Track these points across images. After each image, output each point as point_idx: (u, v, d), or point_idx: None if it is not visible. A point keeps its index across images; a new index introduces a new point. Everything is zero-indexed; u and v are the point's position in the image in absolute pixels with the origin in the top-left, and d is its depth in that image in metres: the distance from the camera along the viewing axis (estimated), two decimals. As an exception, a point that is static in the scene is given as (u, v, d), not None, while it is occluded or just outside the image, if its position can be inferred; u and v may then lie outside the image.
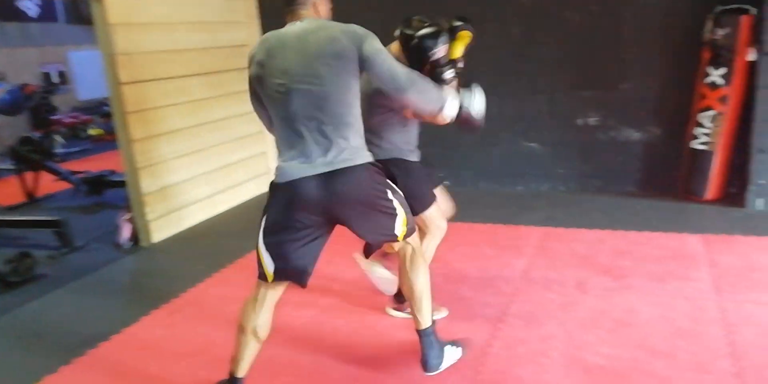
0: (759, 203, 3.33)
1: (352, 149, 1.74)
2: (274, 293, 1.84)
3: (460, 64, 2.10)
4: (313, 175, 1.70)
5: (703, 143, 3.51)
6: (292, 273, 1.80)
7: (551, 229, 3.34)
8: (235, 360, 1.85)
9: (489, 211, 3.75)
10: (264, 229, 1.79)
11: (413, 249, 1.96)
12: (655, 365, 2.00)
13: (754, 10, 3.27)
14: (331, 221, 1.80)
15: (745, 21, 3.28)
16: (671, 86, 3.70)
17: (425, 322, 1.97)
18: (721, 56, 3.37)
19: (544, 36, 3.90)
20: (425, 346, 1.97)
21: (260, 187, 4.63)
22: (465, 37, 2.11)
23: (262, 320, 1.82)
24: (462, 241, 3.22)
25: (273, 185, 1.80)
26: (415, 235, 1.98)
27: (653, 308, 2.38)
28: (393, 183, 1.90)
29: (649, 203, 3.62)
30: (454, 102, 1.91)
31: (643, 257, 2.87)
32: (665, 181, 3.78)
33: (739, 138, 3.45)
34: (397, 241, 1.90)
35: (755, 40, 3.26)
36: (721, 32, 3.35)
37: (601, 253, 2.96)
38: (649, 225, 3.24)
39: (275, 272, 1.78)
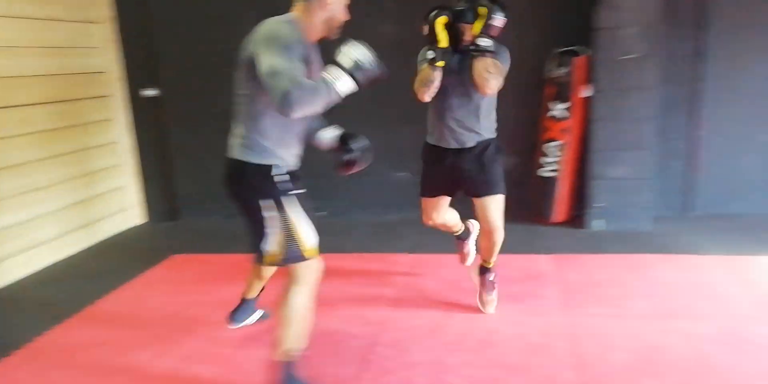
0: (598, 224, 3.71)
1: (246, 142, 1.92)
2: None
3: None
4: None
5: (549, 171, 3.86)
6: None
7: (420, 256, 3.45)
8: None
9: (362, 241, 3.80)
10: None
11: (296, 280, 1.95)
12: (511, 382, 2.11)
13: (588, 52, 3.70)
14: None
15: (580, 61, 3.70)
16: (522, 119, 4.04)
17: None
18: (562, 92, 3.76)
19: (407, 68, 4.10)
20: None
21: (119, 225, 4.31)
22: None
23: None
24: (334, 272, 3.20)
25: None
26: (307, 273, 1.97)
27: (511, 327, 2.52)
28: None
29: (506, 227, 3.87)
30: (341, 81, 1.77)
31: (502, 279, 3.03)
32: (519, 205, 4.07)
33: (580, 166, 3.84)
34: (267, 259, 1.93)
35: (589, 79, 3.68)
36: (561, 71, 3.75)
37: (466, 277, 3.09)
38: (506, 247, 3.45)
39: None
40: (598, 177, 3.68)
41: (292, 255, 1.92)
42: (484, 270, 2.79)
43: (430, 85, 2.52)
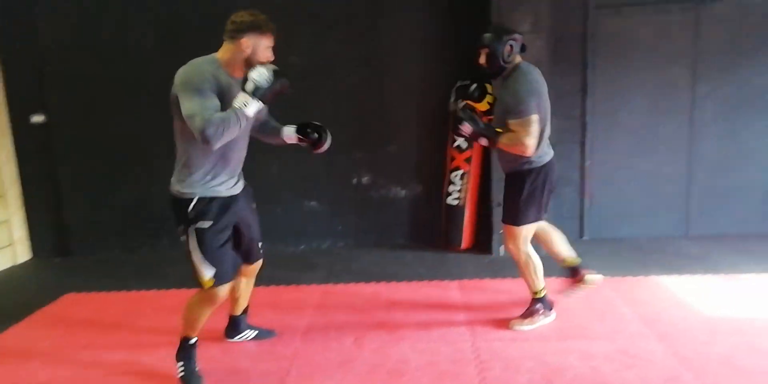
0: (501, 250, 3.88)
1: (175, 176, 2.22)
2: None
3: None
4: None
5: (455, 199, 4.01)
6: None
7: (331, 286, 3.43)
8: None
9: (272, 273, 3.69)
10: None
11: (198, 294, 2.29)
12: (422, 413, 2.12)
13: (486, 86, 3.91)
14: None
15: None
16: (430, 149, 4.19)
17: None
18: (464, 124, 3.95)
19: (319, 99, 4.14)
20: None
21: (2, 262, 3.92)
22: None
23: None
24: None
25: None
26: (205, 297, 2.27)
27: (421, 356, 2.54)
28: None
29: (417, 255, 3.97)
30: (247, 104, 2.01)
31: (413, 307, 3.09)
32: (429, 233, 4.20)
33: (483, 193, 4.02)
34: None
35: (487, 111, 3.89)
36: (462, 103, 3.93)
37: (377, 307, 3.11)
38: (417, 275, 3.54)
39: None
40: (498, 204, 3.86)
41: (195, 278, 2.25)
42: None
43: None
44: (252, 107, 2.01)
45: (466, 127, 2.64)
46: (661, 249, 3.84)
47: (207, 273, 2.20)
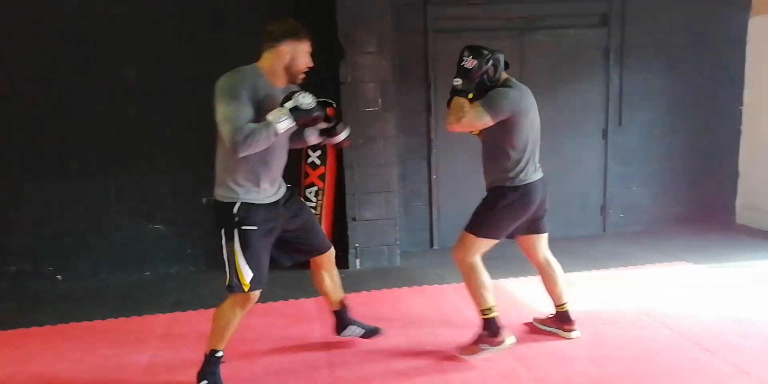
0: (357, 263, 3.94)
1: (218, 181, 2.28)
2: None
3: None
4: None
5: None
6: None
7: (179, 314, 3.21)
8: None
9: (111, 305, 3.39)
10: None
11: (232, 299, 2.33)
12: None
13: (333, 103, 3.98)
14: None
15: (329, 112, 3.94)
16: (288, 165, 4.12)
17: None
18: (317, 141, 3.97)
19: (159, 116, 3.90)
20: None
21: None
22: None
23: None
24: (74, 346, 2.81)
25: None
26: (234, 297, 2.31)
27: (275, 378, 2.48)
28: None
29: (272, 274, 3.75)
30: (281, 120, 2.07)
31: (267, 328, 3.00)
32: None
33: (338, 209, 4.06)
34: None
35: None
36: (314, 121, 3.95)
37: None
38: (272, 295, 3.44)
39: None
40: (353, 219, 3.93)
41: (232, 283, 2.28)
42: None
43: None
44: (284, 124, 2.07)
45: (471, 63, 2.43)
46: (500, 255, 4.10)
47: (248, 275, 2.26)
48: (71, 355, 2.74)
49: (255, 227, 2.22)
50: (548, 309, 2.92)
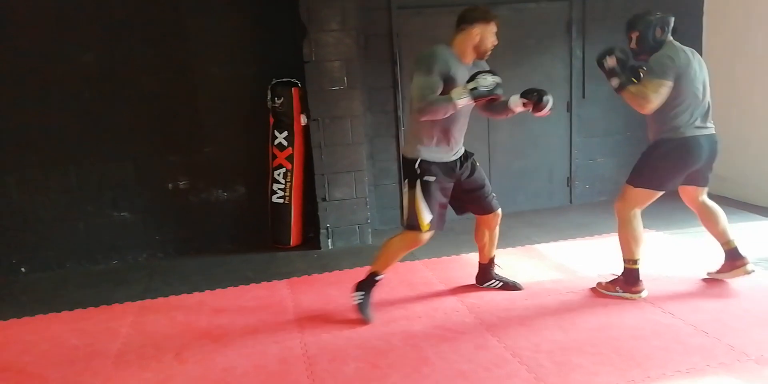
0: (329, 243, 3.94)
1: (406, 142, 2.79)
2: None
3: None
4: None
5: (280, 197, 3.97)
6: None
7: (149, 302, 3.18)
8: None
9: (78, 295, 3.33)
10: None
11: (403, 234, 2.74)
12: (248, 418, 2.06)
13: (300, 83, 3.93)
14: None
15: (295, 92, 3.90)
16: (250, 148, 4.08)
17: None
18: (282, 121, 3.91)
19: (120, 101, 3.79)
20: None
21: None
22: None
23: None
24: (41, 338, 2.76)
25: None
26: (412, 237, 2.72)
27: (248, 360, 2.48)
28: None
29: (244, 258, 3.86)
30: (462, 96, 2.40)
31: (239, 311, 2.99)
32: (256, 234, 4.10)
33: (307, 190, 4.04)
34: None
35: (304, 108, 3.91)
36: (278, 101, 3.90)
37: (201, 317, 2.95)
38: (244, 279, 3.43)
39: None
40: (322, 199, 3.92)
41: (411, 223, 2.69)
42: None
43: None
44: (463, 100, 2.41)
45: (611, 61, 2.73)
46: (470, 229, 4.16)
47: (426, 218, 2.66)
48: (38, 347, 2.70)
49: (433, 178, 2.64)
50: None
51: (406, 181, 2.70)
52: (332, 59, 3.81)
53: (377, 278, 2.79)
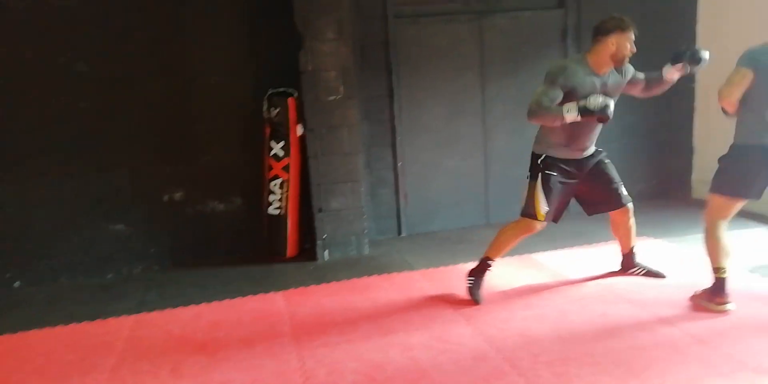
0: (325, 254, 3.92)
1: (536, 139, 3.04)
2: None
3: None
4: None
5: (276, 208, 3.94)
6: None
7: (145, 315, 3.15)
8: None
9: (73, 309, 3.30)
10: None
11: (516, 221, 3.01)
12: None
13: (296, 93, 3.92)
14: None
15: (291, 102, 3.89)
16: (245, 159, 4.06)
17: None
18: (279, 131, 3.90)
19: (115, 111, 3.78)
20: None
21: None
22: None
23: None
24: (35, 353, 2.74)
25: None
26: (522, 221, 2.97)
27: (245, 374, 2.45)
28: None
29: (241, 270, 3.82)
30: (570, 112, 2.64)
31: (236, 324, 2.97)
32: (252, 246, 4.08)
33: (304, 200, 4.01)
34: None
35: (300, 118, 3.90)
36: (275, 111, 3.89)
37: (197, 330, 2.93)
38: (240, 291, 3.41)
39: None
40: (320, 209, 3.90)
41: (527, 211, 2.94)
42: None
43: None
44: (571, 116, 2.62)
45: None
46: (467, 239, 4.19)
47: (543, 208, 2.89)
48: (33, 362, 2.67)
49: (555, 173, 2.87)
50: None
51: (529, 173, 2.95)
52: (328, 69, 3.80)
53: (490, 263, 3.04)
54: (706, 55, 2.83)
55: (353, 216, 3.94)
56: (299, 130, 3.92)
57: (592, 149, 3.01)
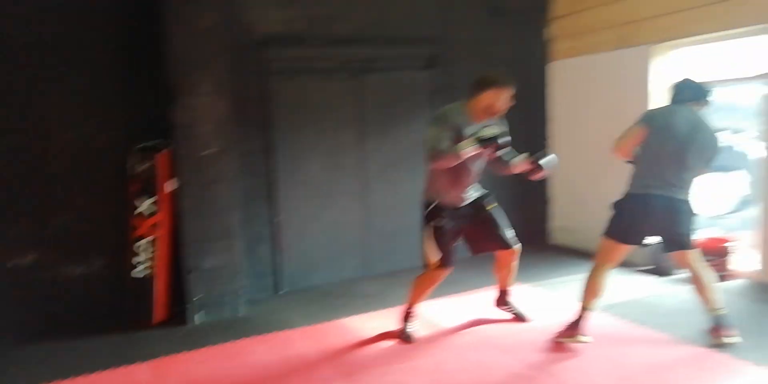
0: (198, 317, 3.68)
1: (425, 188, 3.21)
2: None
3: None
4: None
5: (142, 269, 3.68)
6: None
7: None
8: None
9: None
10: None
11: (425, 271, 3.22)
12: None
13: (168, 147, 3.75)
14: None
15: (162, 156, 3.72)
16: (108, 218, 3.78)
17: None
18: (148, 187, 3.69)
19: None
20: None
21: None
22: None
23: None
24: None
25: None
26: (426, 271, 3.20)
27: None
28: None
29: (100, 340, 3.45)
30: (465, 147, 2.78)
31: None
32: (115, 313, 3.73)
33: (175, 260, 3.78)
34: None
35: (173, 173, 3.72)
36: (144, 166, 3.69)
37: None
38: (98, 365, 3.07)
39: None
40: (192, 269, 3.69)
41: (424, 261, 3.11)
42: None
43: None
44: (468, 150, 2.74)
45: None
46: (348, 292, 4.18)
47: (434, 257, 3.06)
48: None
49: (442, 222, 3.01)
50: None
51: (423, 223, 3.09)
52: (204, 123, 3.71)
53: (411, 310, 3.28)
54: (552, 162, 3.02)
55: (228, 275, 3.77)
56: (171, 185, 3.75)
57: (475, 193, 3.18)
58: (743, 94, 4.53)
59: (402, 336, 3.21)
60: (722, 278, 3.94)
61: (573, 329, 3.00)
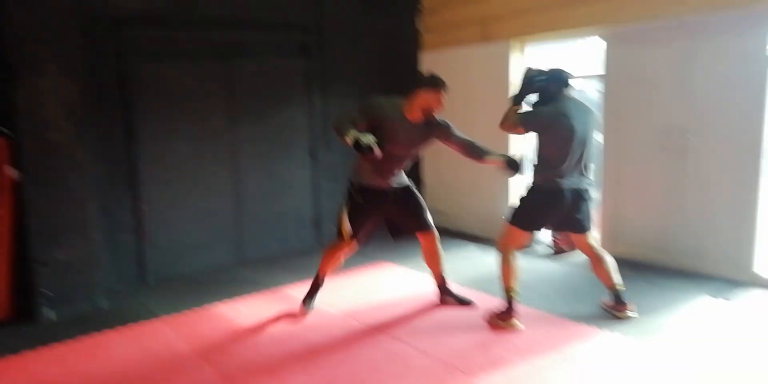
0: (50, 312, 3.40)
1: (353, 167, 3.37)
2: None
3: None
4: None
5: (-18, 265, 3.32)
6: None
7: None
8: None
9: None
10: None
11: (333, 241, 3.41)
12: None
13: (11, 134, 3.39)
14: None
15: (1, 143, 3.36)
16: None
17: None
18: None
19: None
20: None
21: None
22: None
23: None
24: None
25: None
26: (337, 244, 3.36)
27: None
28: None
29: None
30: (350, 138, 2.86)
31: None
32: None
33: (20, 253, 3.45)
34: None
35: (15, 160, 3.38)
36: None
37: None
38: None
39: None
40: (41, 262, 3.40)
41: (337, 232, 3.29)
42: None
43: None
44: (348, 141, 2.83)
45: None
46: (218, 279, 4.11)
47: (347, 229, 3.21)
48: None
49: (362, 199, 3.18)
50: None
51: (346, 196, 3.23)
52: (52, 105, 3.40)
53: (317, 281, 3.45)
54: (522, 165, 3.08)
55: (84, 267, 3.53)
56: (13, 173, 3.40)
57: (400, 181, 3.29)
58: (588, 90, 5.05)
59: (304, 303, 3.41)
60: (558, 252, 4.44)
61: (507, 314, 3.09)
